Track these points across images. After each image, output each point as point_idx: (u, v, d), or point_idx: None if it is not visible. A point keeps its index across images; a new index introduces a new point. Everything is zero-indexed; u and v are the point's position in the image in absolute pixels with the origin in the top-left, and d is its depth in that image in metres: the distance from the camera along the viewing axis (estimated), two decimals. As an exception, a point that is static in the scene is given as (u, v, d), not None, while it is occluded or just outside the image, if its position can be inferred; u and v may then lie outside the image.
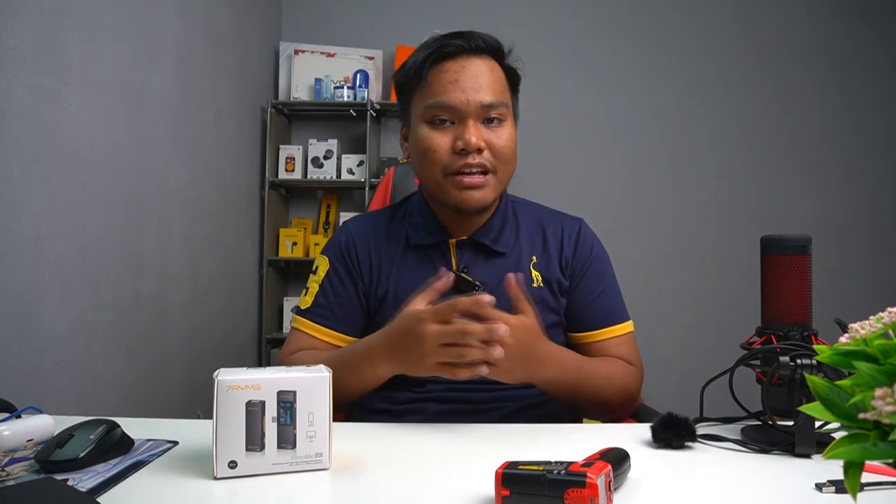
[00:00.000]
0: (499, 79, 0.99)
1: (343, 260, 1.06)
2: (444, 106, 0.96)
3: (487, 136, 0.97)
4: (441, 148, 0.97)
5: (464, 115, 0.96)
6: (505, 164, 0.98)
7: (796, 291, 0.80)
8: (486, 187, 0.97)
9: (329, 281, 1.05)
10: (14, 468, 0.68)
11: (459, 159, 0.96)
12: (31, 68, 1.45)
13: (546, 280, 1.03)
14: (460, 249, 1.04)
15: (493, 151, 0.97)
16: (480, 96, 0.95)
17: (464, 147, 0.95)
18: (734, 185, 3.08)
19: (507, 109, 0.98)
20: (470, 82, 0.96)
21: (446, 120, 0.97)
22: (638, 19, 3.12)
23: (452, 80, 0.96)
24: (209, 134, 2.39)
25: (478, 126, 0.96)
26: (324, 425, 0.67)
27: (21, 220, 1.43)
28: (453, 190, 0.97)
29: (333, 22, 3.16)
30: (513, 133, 0.99)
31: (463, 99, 0.95)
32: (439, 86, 0.97)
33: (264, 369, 0.68)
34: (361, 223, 1.11)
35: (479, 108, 0.96)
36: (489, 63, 0.98)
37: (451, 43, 0.97)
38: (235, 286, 2.68)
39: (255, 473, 0.66)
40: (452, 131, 0.97)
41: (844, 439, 0.35)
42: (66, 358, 1.58)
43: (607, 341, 1.04)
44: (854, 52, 3.08)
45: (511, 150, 0.99)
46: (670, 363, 2.86)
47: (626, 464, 0.64)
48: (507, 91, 1.01)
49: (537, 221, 1.09)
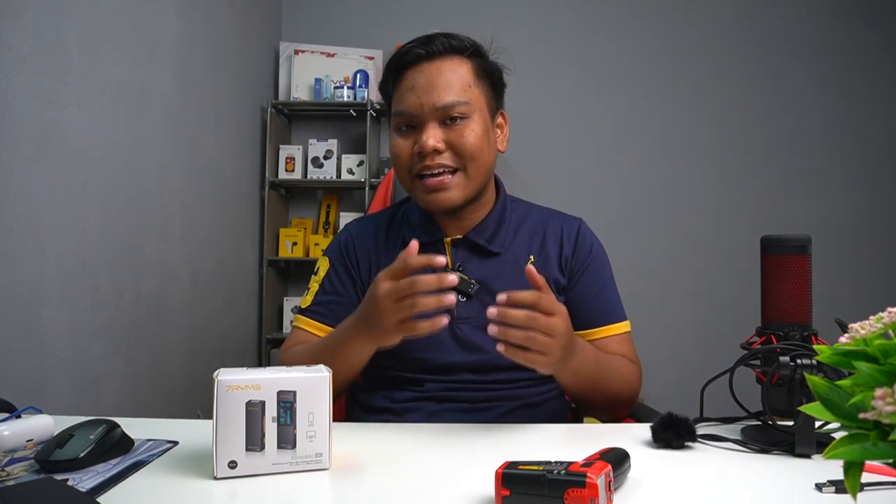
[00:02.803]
0: (460, 77, 0.98)
1: (343, 260, 1.08)
2: (403, 113, 0.99)
3: (448, 135, 0.97)
4: (404, 153, 1.00)
5: (421, 120, 0.98)
6: (472, 160, 0.98)
7: (796, 291, 0.80)
8: (451, 188, 0.98)
9: (329, 280, 1.07)
10: (14, 468, 0.68)
11: (420, 162, 0.98)
12: (31, 68, 1.45)
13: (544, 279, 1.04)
14: (455, 248, 1.04)
15: (455, 150, 0.97)
16: (434, 98, 0.96)
17: (420, 151, 0.97)
18: (734, 184, 3.08)
19: (469, 106, 0.98)
20: (425, 87, 0.97)
21: (409, 126, 1.00)
22: (637, 19, 3.11)
23: (409, 88, 0.98)
24: (209, 134, 2.39)
25: (436, 128, 0.97)
26: (324, 425, 0.67)
27: (21, 220, 1.43)
28: (421, 194, 1.00)
29: (333, 22, 3.16)
30: (477, 128, 0.98)
31: (417, 104, 0.97)
32: (399, 94, 1.00)
33: (264, 369, 0.68)
34: (363, 224, 1.12)
35: (433, 110, 0.97)
36: (450, 63, 0.99)
37: (411, 52, 0.99)
38: (235, 286, 2.68)
39: (255, 473, 0.66)
40: (414, 136, 0.99)
41: (844, 439, 0.35)
42: (66, 358, 1.58)
43: (605, 339, 1.05)
44: (854, 52, 3.07)
45: (476, 145, 0.98)
46: (670, 363, 2.86)
47: (626, 464, 0.64)
48: (473, 88, 1.00)
49: (536, 221, 1.09)
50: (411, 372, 1.01)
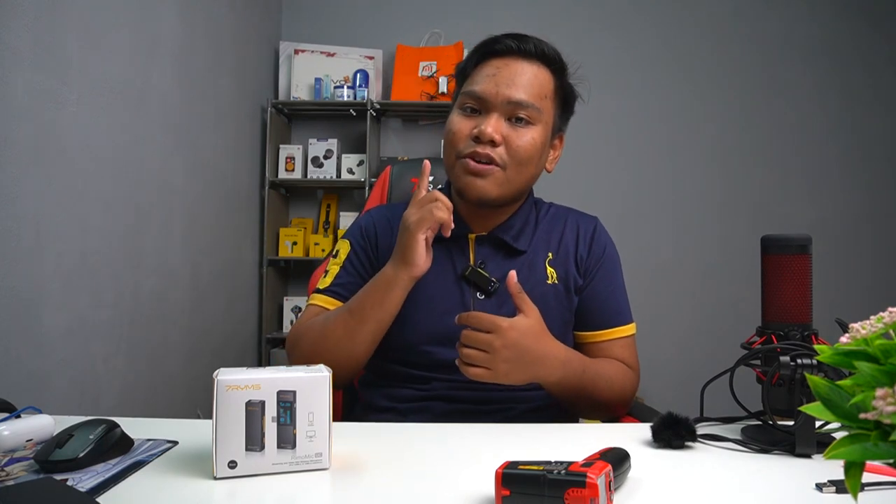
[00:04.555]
0: (540, 84, 0.98)
1: (363, 243, 1.07)
2: (475, 94, 0.98)
3: (508, 132, 0.96)
4: (461, 132, 0.98)
5: (490, 107, 0.96)
6: (518, 165, 0.97)
7: (797, 291, 0.80)
8: (490, 177, 0.96)
9: (350, 262, 1.06)
10: (13, 468, 0.68)
11: (472, 145, 0.96)
12: (31, 68, 1.45)
13: (561, 277, 1.03)
14: (479, 245, 1.03)
15: (509, 148, 0.96)
16: (511, 92, 0.95)
17: (478, 135, 0.95)
18: (734, 184, 3.08)
19: (537, 113, 0.97)
20: (506, 78, 0.96)
21: (475, 109, 0.98)
22: (638, 19, 3.11)
23: (490, 74, 0.98)
24: (209, 133, 2.39)
25: (500, 120, 0.96)
26: (324, 425, 0.67)
27: (21, 220, 1.43)
28: (461, 173, 0.98)
29: (333, 22, 3.15)
30: (537, 137, 0.97)
31: (493, 90, 0.96)
32: (478, 77, 0.99)
33: (264, 369, 0.68)
34: (384, 211, 1.11)
35: (505, 102, 0.96)
36: (535, 68, 0.98)
37: (502, 41, 0.99)
38: (235, 286, 2.68)
39: (255, 473, 0.66)
40: (476, 120, 0.97)
41: (845, 439, 0.35)
42: (66, 358, 1.58)
43: (610, 342, 1.04)
44: (855, 52, 3.07)
45: (528, 152, 0.97)
46: (670, 363, 2.86)
47: (626, 464, 0.64)
48: (548, 100, 0.99)
49: (554, 219, 1.09)
50: (418, 368, 1.00)
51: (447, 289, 1.01)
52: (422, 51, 3.04)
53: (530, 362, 0.86)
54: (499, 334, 0.84)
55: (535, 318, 0.87)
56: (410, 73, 3.00)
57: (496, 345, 0.83)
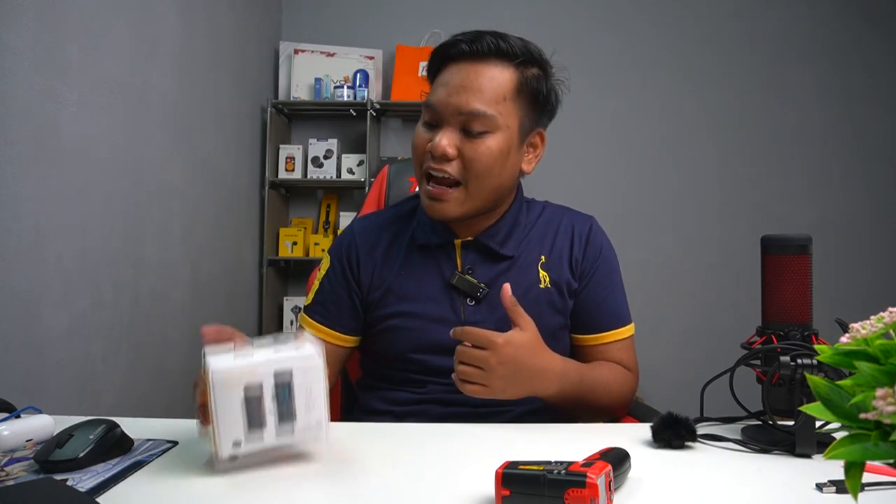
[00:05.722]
0: (497, 86, 0.92)
1: (342, 261, 1.05)
2: (430, 106, 0.94)
3: (463, 145, 0.92)
4: (419, 147, 0.95)
5: (442, 119, 0.93)
6: (476, 178, 0.92)
7: (797, 291, 0.80)
8: (449, 200, 0.93)
9: (327, 280, 1.05)
10: (13, 468, 0.68)
11: (429, 159, 0.93)
12: (31, 68, 1.45)
13: (554, 281, 1.01)
14: (465, 250, 1.01)
15: (465, 161, 0.92)
16: (461, 102, 0.91)
17: (430, 151, 0.92)
18: (734, 184, 3.07)
19: (493, 121, 0.91)
20: (457, 87, 0.91)
21: (432, 122, 0.95)
22: (638, 18, 3.11)
23: (443, 83, 0.93)
24: (209, 134, 2.39)
25: (453, 133, 0.92)
26: (320, 401, 0.68)
27: (21, 220, 1.43)
28: (423, 195, 0.97)
29: (333, 22, 3.15)
30: (494, 146, 0.91)
31: (444, 102, 0.92)
32: (434, 86, 0.96)
33: (253, 350, 0.69)
34: (368, 222, 1.08)
35: (455, 113, 0.91)
36: (492, 69, 0.92)
37: (455, 45, 0.94)
38: (235, 286, 2.68)
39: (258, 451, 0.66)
40: (433, 133, 0.94)
41: (845, 439, 0.35)
42: (66, 358, 1.58)
43: (609, 345, 1.03)
44: (855, 52, 3.07)
45: (485, 164, 0.91)
46: (670, 363, 2.86)
47: (626, 464, 0.64)
48: (508, 101, 0.92)
49: (548, 220, 1.06)
50: (413, 373, 0.99)
51: (436, 297, 0.99)
52: (422, 51, 3.04)
53: (527, 378, 0.86)
54: (494, 351, 0.83)
55: (531, 332, 0.86)
56: (410, 73, 3.00)
57: (492, 362, 0.82)
